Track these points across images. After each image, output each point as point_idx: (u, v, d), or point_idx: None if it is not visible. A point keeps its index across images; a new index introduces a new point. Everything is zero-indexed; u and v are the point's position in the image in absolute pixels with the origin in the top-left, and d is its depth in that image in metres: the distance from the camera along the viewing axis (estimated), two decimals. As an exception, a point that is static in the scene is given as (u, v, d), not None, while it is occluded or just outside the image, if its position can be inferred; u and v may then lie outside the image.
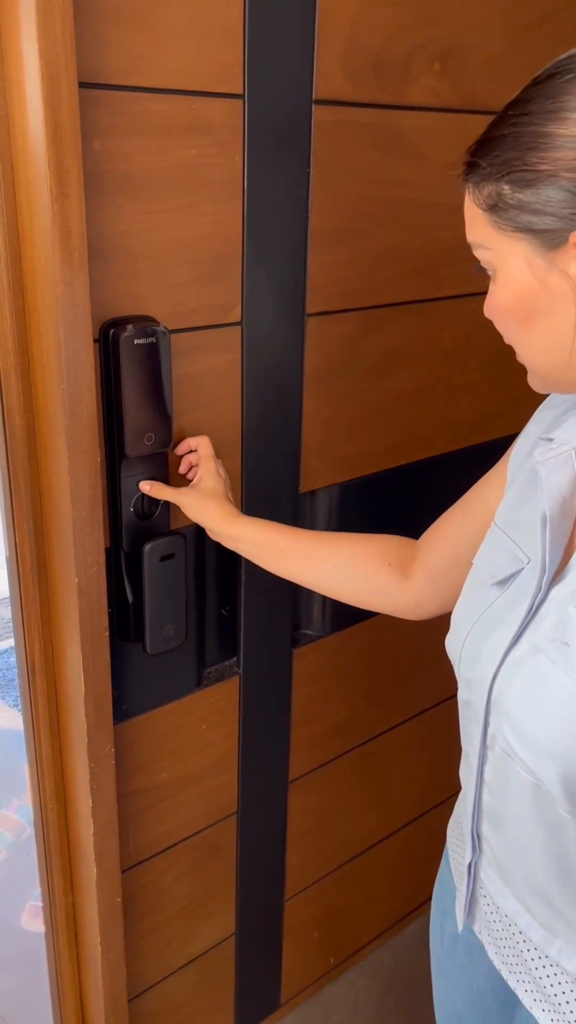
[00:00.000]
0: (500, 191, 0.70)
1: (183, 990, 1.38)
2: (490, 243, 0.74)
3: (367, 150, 1.09)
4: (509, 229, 0.71)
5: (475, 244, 0.77)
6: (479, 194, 0.73)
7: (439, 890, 1.06)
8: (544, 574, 0.75)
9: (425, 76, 1.11)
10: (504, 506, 0.86)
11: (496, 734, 0.79)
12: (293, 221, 1.06)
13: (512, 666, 0.76)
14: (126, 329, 0.94)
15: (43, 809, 1.17)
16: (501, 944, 0.89)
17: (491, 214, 0.71)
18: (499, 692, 0.77)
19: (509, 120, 0.70)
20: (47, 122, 0.81)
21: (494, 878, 0.88)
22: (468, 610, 0.84)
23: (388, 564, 0.99)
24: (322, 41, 1.00)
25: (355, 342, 1.18)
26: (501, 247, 0.72)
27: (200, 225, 0.98)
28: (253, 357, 1.08)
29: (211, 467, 1.05)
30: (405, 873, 1.66)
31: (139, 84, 0.89)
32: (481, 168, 0.71)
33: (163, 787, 1.21)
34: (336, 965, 1.63)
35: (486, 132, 0.73)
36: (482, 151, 0.72)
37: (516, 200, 0.69)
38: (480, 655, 0.80)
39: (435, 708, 1.54)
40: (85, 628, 1.00)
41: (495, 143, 0.70)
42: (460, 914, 0.94)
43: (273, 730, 1.32)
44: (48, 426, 0.94)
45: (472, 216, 0.75)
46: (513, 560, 0.80)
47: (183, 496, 1.03)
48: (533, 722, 0.73)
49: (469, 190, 0.74)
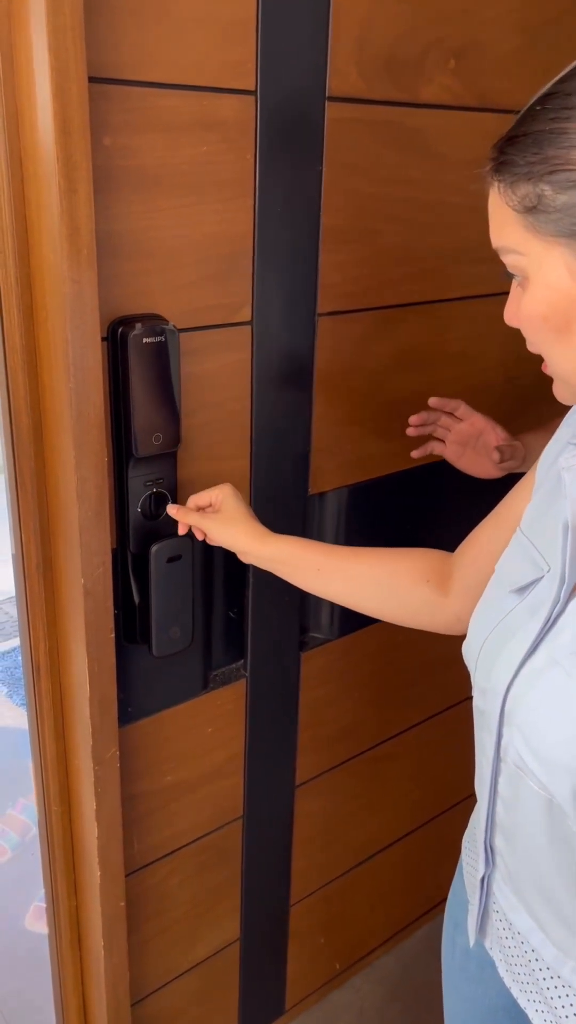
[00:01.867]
0: (540, 192, 0.66)
1: (187, 995, 1.37)
2: (524, 248, 0.69)
3: (380, 148, 1.08)
4: (549, 234, 0.66)
5: (504, 249, 0.72)
6: (512, 195, 0.68)
7: (452, 902, 1.04)
8: (563, 584, 0.73)
9: (440, 73, 1.09)
10: (530, 510, 0.84)
11: (508, 746, 0.77)
12: (304, 220, 1.04)
13: (527, 678, 0.74)
14: (135, 327, 0.93)
15: (47, 811, 1.16)
16: (513, 962, 0.88)
17: (528, 216, 0.67)
18: (513, 703, 0.76)
19: (548, 115, 0.65)
20: (56, 117, 0.80)
21: (508, 893, 0.86)
22: (486, 617, 0.82)
23: (427, 581, 0.96)
24: (335, 37, 0.99)
25: (366, 342, 1.17)
26: (537, 252, 0.68)
27: (210, 223, 0.97)
28: (263, 357, 1.07)
29: (228, 491, 1.02)
30: (412, 879, 1.65)
31: (150, 79, 0.88)
32: (516, 166, 0.67)
33: (168, 790, 1.20)
34: (341, 971, 1.62)
35: (519, 127, 0.68)
36: (516, 148, 0.67)
37: (560, 203, 0.64)
38: (496, 664, 0.78)
39: (443, 713, 1.53)
40: (91, 629, 0.99)
41: (533, 139, 0.66)
42: (472, 929, 0.92)
43: (280, 734, 1.30)
44: (55, 425, 0.93)
45: (502, 218, 0.71)
46: (533, 567, 0.78)
47: (208, 521, 1.01)
48: (546, 735, 0.71)
49: (499, 190, 0.70)
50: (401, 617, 1.00)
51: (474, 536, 0.96)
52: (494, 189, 0.70)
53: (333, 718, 1.37)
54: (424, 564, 0.98)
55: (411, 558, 0.99)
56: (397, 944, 1.69)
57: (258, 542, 1.00)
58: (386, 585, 0.99)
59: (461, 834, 1.03)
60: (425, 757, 1.54)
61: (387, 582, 0.98)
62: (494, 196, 0.71)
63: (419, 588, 0.96)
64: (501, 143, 0.70)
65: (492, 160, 0.71)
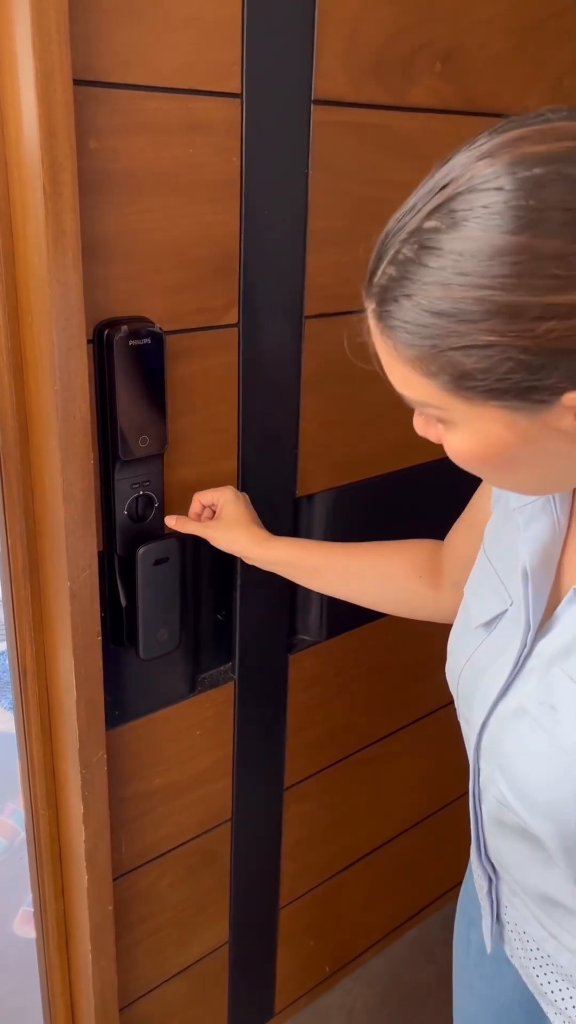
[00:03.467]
0: (457, 363, 0.57)
1: (176, 999, 1.37)
2: (446, 405, 0.60)
3: (367, 151, 1.08)
4: (478, 400, 0.58)
5: (417, 402, 0.63)
6: (419, 364, 0.59)
7: (464, 900, 1.03)
8: (529, 631, 0.71)
9: (426, 76, 1.09)
10: (491, 526, 0.83)
11: (488, 783, 0.76)
12: (291, 222, 1.04)
13: (501, 720, 0.74)
14: (120, 330, 0.92)
15: (34, 815, 1.16)
16: (528, 970, 0.87)
17: (448, 384, 0.59)
18: (490, 741, 0.75)
19: (428, 273, 0.56)
20: (41, 120, 0.79)
21: (518, 905, 0.85)
22: (459, 648, 0.82)
23: (419, 576, 0.98)
24: (322, 40, 0.99)
25: (353, 345, 1.17)
26: (463, 410, 0.60)
27: (197, 225, 0.97)
28: (250, 359, 1.07)
29: (228, 496, 1.03)
30: (402, 880, 1.65)
31: (135, 82, 0.88)
32: (414, 336, 0.58)
33: (156, 793, 1.20)
34: (331, 974, 1.61)
35: (398, 287, 0.57)
36: (405, 314, 0.57)
37: (485, 371, 0.56)
38: (473, 700, 0.77)
39: (432, 715, 1.53)
40: (77, 632, 0.99)
41: (425, 309, 0.56)
42: (488, 938, 0.91)
43: (268, 736, 1.30)
44: (41, 427, 0.93)
45: (406, 376, 0.61)
46: (498, 599, 0.76)
47: (210, 529, 1.03)
48: (527, 780, 0.70)
49: (395, 353, 0.60)
50: (399, 610, 1.03)
51: (449, 541, 0.97)
52: (383, 342, 0.61)
53: (322, 720, 1.37)
54: (417, 558, 0.99)
55: (405, 552, 1.00)
56: (387, 946, 1.69)
57: (258, 547, 1.02)
58: (381, 581, 1.01)
59: (450, 836, 1.04)
60: (415, 759, 1.54)
61: (382, 578, 1.01)
62: (386, 350, 0.62)
63: (412, 583, 0.98)
64: (378, 293, 0.60)
65: (375, 314, 0.61)
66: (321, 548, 1.04)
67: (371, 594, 1.03)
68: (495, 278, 0.54)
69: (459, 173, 0.56)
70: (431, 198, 0.57)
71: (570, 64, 1.22)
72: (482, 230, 0.54)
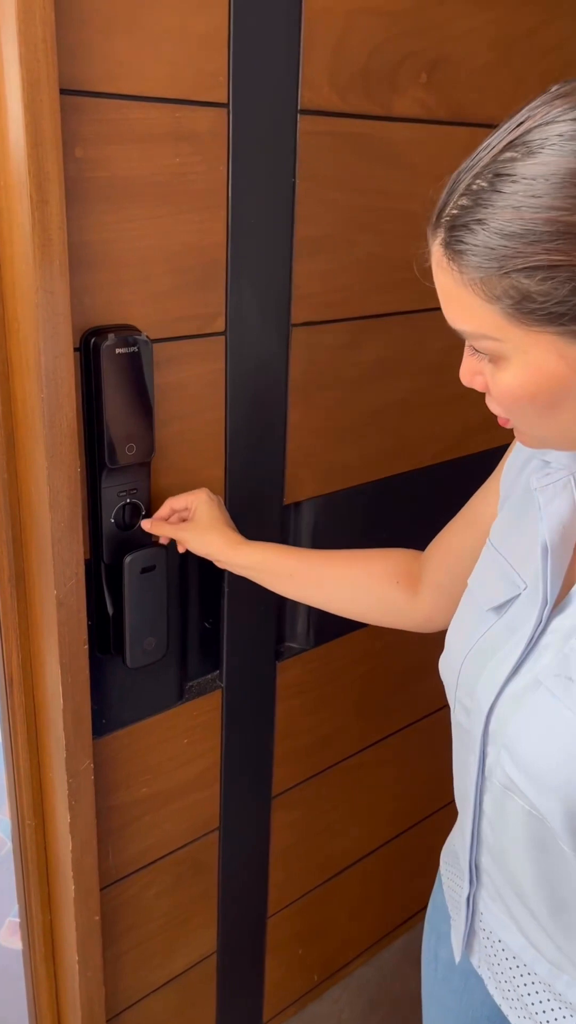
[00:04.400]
0: (520, 286, 0.59)
1: (164, 1009, 1.36)
2: (501, 335, 0.62)
3: (353, 160, 1.08)
4: (535, 324, 0.60)
5: (473, 334, 0.64)
6: (483, 288, 0.61)
7: (433, 916, 1.03)
8: (545, 606, 0.72)
9: (412, 87, 1.10)
10: (499, 524, 0.84)
11: (495, 766, 0.76)
12: (278, 230, 1.05)
13: (512, 698, 0.74)
14: (107, 338, 0.92)
15: (21, 824, 1.15)
16: (501, 978, 0.87)
17: (508, 308, 0.60)
18: (498, 724, 0.75)
19: (501, 199, 0.59)
20: (27, 129, 0.79)
21: (496, 912, 0.85)
22: (464, 634, 0.81)
23: (396, 583, 0.98)
24: (307, 51, 0.99)
25: (340, 353, 1.17)
26: (518, 338, 0.62)
27: (184, 234, 0.97)
28: (237, 367, 1.07)
29: (202, 498, 1.03)
30: (390, 889, 1.65)
31: (122, 91, 0.88)
32: (482, 258, 0.60)
33: (144, 802, 1.19)
34: (320, 982, 1.61)
35: (470, 212, 0.60)
36: (475, 237, 0.60)
37: (546, 294, 0.58)
38: (477, 683, 0.77)
39: (420, 721, 1.53)
40: (64, 641, 0.99)
41: (496, 230, 0.59)
42: (457, 947, 0.91)
43: (256, 744, 1.30)
44: (27, 435, 0.93)
45: (467, 304, 0.63)
46: (509, 585, 0.77)
47: (183, 532, 1.02)
48: (537, 757, 0.70)
49: (461, 278, 0.62)
50: (374, 617, 1.03)
51: (442, 539, 0.97)
52: (449, 271, 0.63)
53: (309, 728, 1.37)
54: (394, 566, 0.99)
55: (381, 560, 1.00)
56: (375, 954, 1.68)
57: (231, 550, 1.01)
58: (357, 588, 1.01)
59: (438, 843, 1.03)
60: (402, 767, 1.54)
61: (358, 586, 1.01)
62: (451, 278, 0.63)
63: (389, 590, 0.98)
64: (448, 221, 0.62)
65: (443, 243, 0.63)
66: (296, 554, 1.04)
67: (346, 600, 1.03)
68: (566, 199, 0.56)
69: (535, 111, 0.59)
70: (507, 135, 0.60)
71: (554, 75, 1.23)
72: (556, 156, 0.57)
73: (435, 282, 0.66)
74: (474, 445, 1.39)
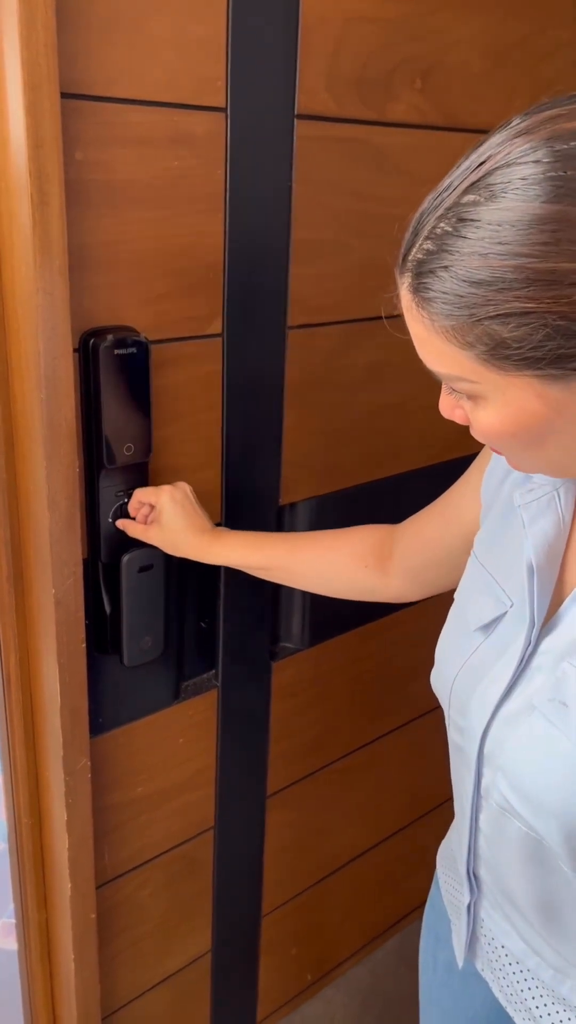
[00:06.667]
0: (493, 333, 0.58)
1: (158, 1008, 1.37)
2: (478, 378, 0.61)
3: (349, 165, 1.10)
4: (512, 370, 0.59)
5: (448, 377, 0.63)
6: (455, 336, 0.60)
7: (431, 917, 1.02)
8: (533, 627, 0.71)
9: (407, 93, 1.11)
10: (482, 537, 0.82)
11: (491, 788, 0.75)
12: (275, 234, 1.06)
13: (505, 721, 0.73)
14: (106, 339, 0.93)
15: (17, 823, 1.16)
16: (504, 983, 0.86)
17: (483, 355, 0.60)
18: (492, 746, 0.74)
19: (466, 245, 0.57)
20: (29, 131, 0.80)
21: (497, 919, 0.84)
22: (453, 653, 0.80)
23: (365, 566, 1.00)
24: (305, 57, 1.01)
25: (336, 355, 1.18)
26: (495, 381, 0.61)
27: (182, 236, 0.98)
28: (234, 369, 1.08)
29: (164, 499, 1.00)
30: (384, 888, 1.65)
31: (122, 95, 0.89)
32: (451, 306, 0.59)
33: (139, 801, 1.20)
34: (314, 982, 1.61)
35: (434, 259, 0.59)
36: (442, 284, 0.58)
37: (519, 340, 0.57)
38: (470, 704, 0.76)
39: (415, 721, 1.54)
40: (62, 640, 0.99)
41: (464, 278, 0.57)
42: (460, 952, 0.90)
43: (251, 744, 1.31)
44: (26, 435, 0.93)
45: (439, 349, 0.62)
46: (496, 602, 0.76)
47: (151, 533, 1.02)
48: (534, 782, 0.69)
49: (431, 325, 0.61)
50: (349, 597, 1.06)
51: (415, 526, 0.97)
52: (419, 317, 0.62)
53: (304, 728, 1.37)
54: (361, 548, 1.01)
55: (348, 544, 1.02)
56: (369, 954, 1.69)
57: (202, 554, 1.03)
58: (326, 575, 1.04)
59: (433, 843, 1.04)
60: (396, 767, 1.55)
61: (326, 573, 1.03)
62: (421, 324, 0.62)
63: (358, 573, 1.01)
64: (415, 266, 0.61)
65: (410, 288, 0.62)
66: (265, 548, 1.04)
67: (320, 587, 1.07)
68: (533, 246, 0.55)
69: (496, 151, 0.58)
70: (468, 175, 0.59)
71: (547, 82, 1.25)
72: (520, 200, 0.55)
73: (408, 325, 0.65)
74: (467, 448, 1.39)
